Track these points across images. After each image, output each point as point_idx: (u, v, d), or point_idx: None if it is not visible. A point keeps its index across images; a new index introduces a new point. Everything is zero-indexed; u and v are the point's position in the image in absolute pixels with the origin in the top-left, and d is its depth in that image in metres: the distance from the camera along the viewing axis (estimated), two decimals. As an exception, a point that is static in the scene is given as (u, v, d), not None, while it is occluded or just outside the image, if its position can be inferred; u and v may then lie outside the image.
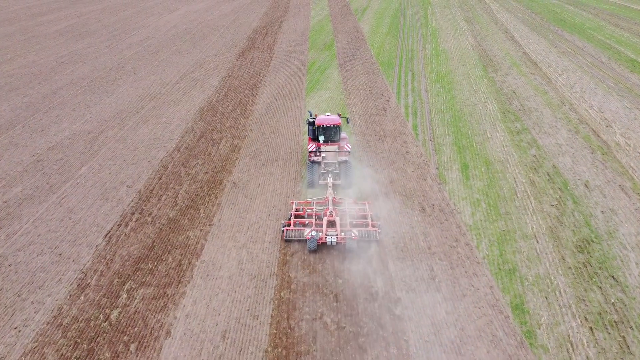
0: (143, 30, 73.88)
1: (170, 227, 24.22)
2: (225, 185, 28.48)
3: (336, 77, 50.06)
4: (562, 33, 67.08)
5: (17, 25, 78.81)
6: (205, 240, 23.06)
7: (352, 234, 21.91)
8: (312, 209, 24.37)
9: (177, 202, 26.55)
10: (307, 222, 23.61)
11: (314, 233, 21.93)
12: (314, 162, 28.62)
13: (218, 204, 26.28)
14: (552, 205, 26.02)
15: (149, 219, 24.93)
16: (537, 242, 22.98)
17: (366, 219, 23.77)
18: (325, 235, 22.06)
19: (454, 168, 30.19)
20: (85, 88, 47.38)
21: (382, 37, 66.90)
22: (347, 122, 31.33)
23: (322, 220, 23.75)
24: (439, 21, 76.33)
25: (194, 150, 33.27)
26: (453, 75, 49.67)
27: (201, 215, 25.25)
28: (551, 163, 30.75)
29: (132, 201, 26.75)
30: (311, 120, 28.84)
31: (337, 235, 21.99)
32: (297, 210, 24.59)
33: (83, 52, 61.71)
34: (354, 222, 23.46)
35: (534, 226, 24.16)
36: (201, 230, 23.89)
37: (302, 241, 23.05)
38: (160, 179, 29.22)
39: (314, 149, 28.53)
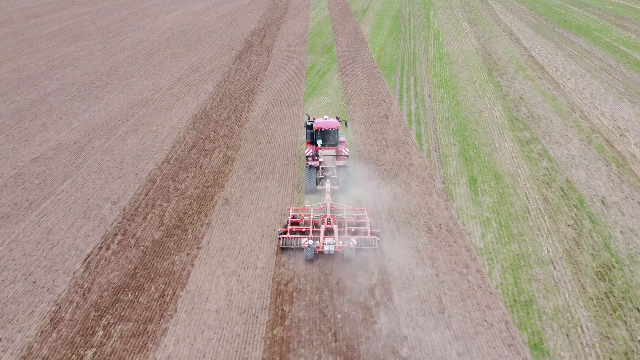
0: (138, 33, 72.03)
1: (154, 251, 22.31)
2: (216, 201, 26.59)
3: (336, 82, 48.18)
4: (567, 35, 65.14)
5: (10, 28, 76.96)
6: (192, 266, 21.15)
7: (351, 243, 21.10)
8: (310, 215, 23.53)
9: (164, 221, 24.65)
10: (304, 229, 22.85)
11: (310, 242, 21.21)
12: (311, 167, 27.92)
13: (207, 224, 24.38)
14: (568, 225, 24.11)
15: (132, 241, 23.02)
16: (554, 268, 21.08)
17: (365, 226, 22.89)
18: (323, 243, 21.27)
19: (461, 182, 28.30)
20: (74, 94, 45.51)
21: (383, 40, 65.01)
22: (346, 125, 30.40)
23: (319, 227, 22.87)
24: (441, 23, 74.44)
25: (184, 162, 31.39)
26: (457, 80, 47.78)
27: (189, 236, 23.34)
28: (564, 176, 28.85)
29: (115, 220, 24.86)
30: (309, 123, 28.25)
31: (334, 244, 21.21)
32: (293, 217, 23.71)
33: (75, 55, 59.88)
34: (353, 230, 22.72)
35: (550, 249, 22.26)
36: (188, 254, 21.97)
37: (298, 264, 21.22)
38: (147, 194, 27.34)
39: (311, 154, 27.79)
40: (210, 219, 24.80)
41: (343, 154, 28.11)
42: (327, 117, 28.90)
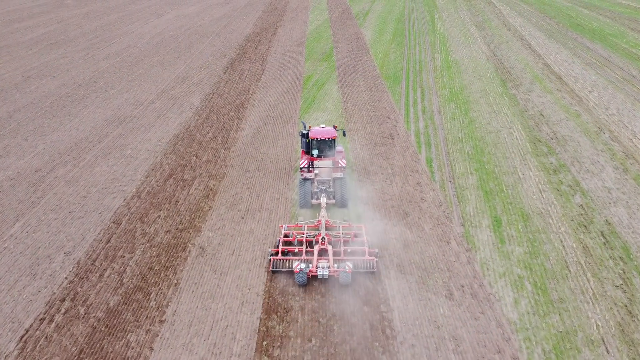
0: (125, 38, 67.68)
1: (107, 325, 17.90)
2: (189, 251, 22.21)
3: (335, 94, 43.84)
4: (582, 40, 60.72)
5: (-10, 32, 72.67)
6: (151, 350, 16.74)
7: (346, 267, 19.51)
8: (303, 234, 22.06)
9: (123, 280, 20.24)
10: (296, 249, 21.36)
11: (302, 265, 19.55)
12: (306, 179, 25.65)
13: (176, 284, 19.96)
14: (616, 286, 19.72)
15: (82, 310, 18.64)
16: (608, 351, 16.69)
17: (362, 246, 21.35)
18: (316, 267, 19.76)
19: (483, 225, 23.90)
20: (46, 110, 41.15)
21: (386, 45, 60.65)
22: (344, 135, 28.30)
23: (312, 247, 21.26)
24: (447, 27, 70.02)
25: (157, 197, 27.02)
26: (468, 92, 43.39)
27: (151, 304, 18.93)
28: (603, 217, 24.46)
29: (66, 278, 20.47)
30: (305, 132, 26.58)
31: (329, 267, 19.79)
32: (286, 235, 22.24)
33: (55, 63, 55.53)
34: (349, 251, 21.20)
35: (599, 323, 17.86)
36: (147, 331, 17.56)
37: (286, 347, 16.89)
38: (109, 241, 22.96)
39: (306, 165, 25.63)
40: (179, 277, 20.38)
41: (340, 165, 26.13)
42: (324, 125, 27.18)
